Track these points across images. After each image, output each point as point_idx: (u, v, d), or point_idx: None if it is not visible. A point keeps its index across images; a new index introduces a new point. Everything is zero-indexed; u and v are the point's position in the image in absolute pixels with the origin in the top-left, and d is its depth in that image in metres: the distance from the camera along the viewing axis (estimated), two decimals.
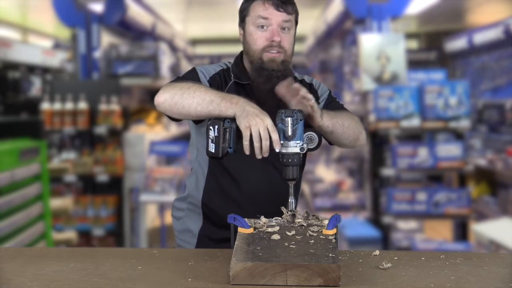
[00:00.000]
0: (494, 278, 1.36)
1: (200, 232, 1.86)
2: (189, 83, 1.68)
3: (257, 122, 1.53)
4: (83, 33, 5.42)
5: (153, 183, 4.87)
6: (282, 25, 1.75)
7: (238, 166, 1.78)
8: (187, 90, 1.63)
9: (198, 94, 1.61)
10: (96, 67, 5.44)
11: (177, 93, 1.64)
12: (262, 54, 1.75)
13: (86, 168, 4.92)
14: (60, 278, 1.36)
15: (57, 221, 4.79)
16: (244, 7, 1.80)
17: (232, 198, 1.80)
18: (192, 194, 1.88)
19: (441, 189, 4.91)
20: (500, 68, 7.38)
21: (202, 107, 1.60)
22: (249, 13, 1.78)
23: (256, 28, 1.76)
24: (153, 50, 5.58)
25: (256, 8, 1.76)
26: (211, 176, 1.83)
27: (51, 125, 4.94)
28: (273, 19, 1.74)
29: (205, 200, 1.84)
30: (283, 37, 1.75)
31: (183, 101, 1.63)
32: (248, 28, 1.78)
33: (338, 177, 6.89)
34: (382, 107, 4.67)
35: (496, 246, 3.84)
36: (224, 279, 1.33)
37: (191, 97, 1.62)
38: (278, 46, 1.74)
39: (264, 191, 1.80)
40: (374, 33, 5.26)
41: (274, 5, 1.73)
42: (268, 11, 1.74)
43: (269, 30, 1.74)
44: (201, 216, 1.86)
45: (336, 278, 1.28)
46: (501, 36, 6.92)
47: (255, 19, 1.75)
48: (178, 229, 1.92)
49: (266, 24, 1.74)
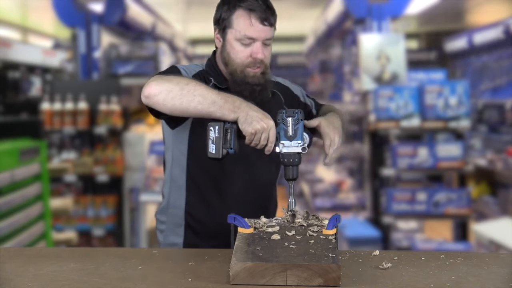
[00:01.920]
0: (494, 278, 1.36)
1: (184, 243, 1.80)
2: (185, 78, 1.63)
3: (262, 127, 1.53)
4: (83, 33, 5.42)
5: (153, 183, 4.87)
6: (265, 41, 1.71)
7: (219, 170, 1.74)
8: (185, 86, 1.57)
9: (199, 93, 1.56)
10: (96, 67, 5.44)
11: (175, 87, 1.57)
12: (245, 69, 1.71)
13: (86, 168, 4.92)
14: (60, 278, 1.36)
15: (57, 221, 4.79)
16: (225, 16, 1.72)
17: (215, 205, 1.77)
18: (173, 205, 1.81)
19: (441, 189, 4.90)
20: (500, 68, 7.38)
21: (203, 107, 1.56)
22: (232, 25, 1.70)
23: (238, 43, 1.71)
24: (153, 50, 5.58)
25: (240, 22, 1.69)
26: (192, 184, 1.78)
27: (51, 125, 4.93)
28: (258, 35, 1.69)
29: (188, 209, 1.79)
30: (264, 52, 1.71)
31: (182, 97, 1.56)
32: (229, 40, 1.72)
33: (338, 177, 6.89)
34: (382, 107, 4.66)
35: (496, 246, 3.84)
36: (224, 279, 1.33)
37: (192, 94, 1.56)
38: (261, 62, 1.71)
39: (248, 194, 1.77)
40: (374, 33, 5.26)
41: (259, 19, 1.68)
42: (254, 28, 1.68)
43: (253, 46, 1.70)
44: (182, 227, 1.80)
45: (336, 278, 1.28)
46: (501, 36, 6.92)
47: (239, 35, 1.69)
48: (162, 243, 1.85)
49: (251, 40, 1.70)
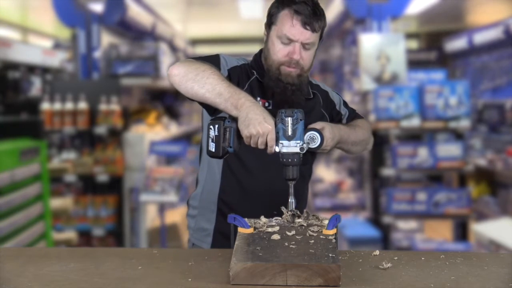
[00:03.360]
0: (494, 278, 1.36)
1: (215, 230, 1.84)
2: (206, 65, 1.68)
3: (258, 132, 1.54)
4: (83, 33, 5.42)
5: (153, 183, 4.87)
6: (305, 44, 1.74)
7: (254, 159, 1.78)
8: (201, 72, 1.63)
9: (211, 81, 1.61)
10: (96, 67, 5.44)
11: (192, 71, 1.64)
12: (280, 66, 1.75)
13: (86, 168, 4.92)
14: (60, 278, 1.36)
15: (57, 221, 4.79)
16: (273, 13, 1.77)
17: (249, 192, 1.80)
18: (207, 189, 1.86)
19: (441, 189, 4.90)
20: (500, 68, 7.38)
21: (210, 95, 1.61)
22: (276, 22, 1.76)
23: (279, 40, 1.75)
24: (153, 50, 5.57)
25: (284, 21, 1.74)
26: (227, 169, 1.82)
27: (51, 125, 4.93)
28: (298, 37, 1.72)
29: (221, 195, 1.83)
30: (303, 55, 1.74)
31: (194, 82, 1.63)
32: (271, 36, 1.77)
33: (338, 177, 6.89)
34: (382, 107, 4.67)
35: (496, 246, 3.84)
36: (224, 279, 1.33)
37: (203, 82, 1.62)
38: (297, 63, 1.74)
39: (280, 185, 1.78)
40: (374, 33, 5.26)
41: (301, 21, 1.71)
42: (294, 29, 1.71)
43: (291, 46, 1.73)
44: (214, 213, 1.84)
45: (336, 278, 1.28)
46: (501, 36, 6.92)
47: (280, 33, 1.74)
48: (192, 227, 1.91)
49: (290, 41, 1.73)
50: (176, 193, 4.75)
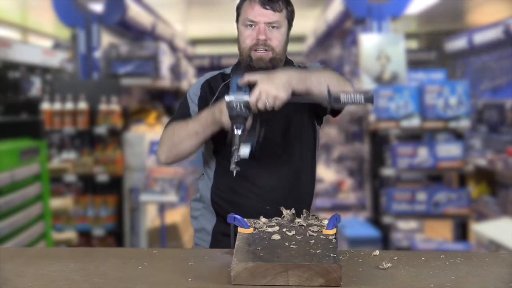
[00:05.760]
0: (494, 278, 1.36)
1: (214, 230, 1.87)
2: (174, 126, 1.81)
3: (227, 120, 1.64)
4: (83, 33, 5.41)
5: (153, 183, 4.87)
6: (270, 23, 1.76)
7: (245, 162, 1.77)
8: (176, 136, 1.78)
9: (185, 134, 1.75)
10: (96, 67, 5.44)
11: (170, 142, 1.80)
12: (250, 52, 1.77)
13: (86, 168, 4.91)
14: (60, 278, 1.36)
15: (57, 221, 4.78)
16: (238, 6, 1.84)
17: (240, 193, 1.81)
18: (204, 195, 1.90)
19: (441, 189, 4.90)
20: (500, 68, 7.38)
21: (196, 141, 1.76)
22: (240, 12, 1.82)
23: (245, 28, 1.79)
24: (153, 50, 5.57)
25: (245, 8, 1.79)
26: (218, 174, 1.86)
27: (51, 125, 4.93)
28: (260, 18, 1.76)
29: (214, 198, 1.86)
30: (270, 35, 1.76)
31: (178, 149, 1.79)
32: (239, 27, 1.83)
33: (338, 177, 6.89)
34: (382, 107, 4.66)
35: (496, 246, 3.84)
36: (224, 279, 1.33)
37: (181, 140, 1.77)
38: (265, 45, 1.76)
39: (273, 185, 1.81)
40: (374, 33, 5.26)
41: (260, 3, 1.76)
42: (254, 11, 1.76)
43: (256, 28, 1.76)
44: (214, 214, 1.87)
45: (337, 278, 1.28)
46: (501, 36, 6.92)
47: (244, 19, 1.79)
48: (195, 228, 1.95)
49: (254, 24, 1.77)
50: (176, 193, 4.75)
